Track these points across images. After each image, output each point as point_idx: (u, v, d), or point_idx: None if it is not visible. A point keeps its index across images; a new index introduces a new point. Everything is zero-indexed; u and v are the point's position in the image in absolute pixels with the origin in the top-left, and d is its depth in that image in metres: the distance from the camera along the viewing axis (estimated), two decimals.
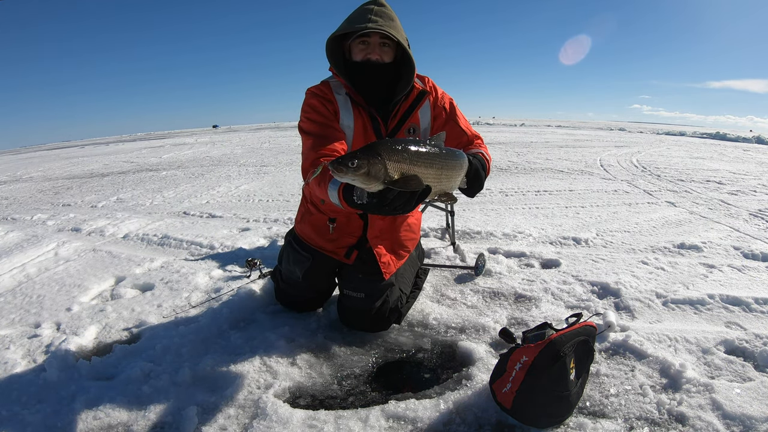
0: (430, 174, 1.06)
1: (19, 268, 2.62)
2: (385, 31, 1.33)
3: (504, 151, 8.09)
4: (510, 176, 5.28)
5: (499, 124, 22.40)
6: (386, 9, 1.38)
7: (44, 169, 9.76)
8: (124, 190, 5.59)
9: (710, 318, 1.72)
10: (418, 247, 2.09)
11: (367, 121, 1.50)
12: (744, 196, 3.96)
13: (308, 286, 1.75)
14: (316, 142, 1.40)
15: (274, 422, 1.20)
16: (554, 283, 2.03)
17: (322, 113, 1.47)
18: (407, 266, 1.82)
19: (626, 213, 3.36)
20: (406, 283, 1.77)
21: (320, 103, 1.48)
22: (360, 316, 1.63)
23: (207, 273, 2.32)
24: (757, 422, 1.14)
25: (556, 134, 13.78)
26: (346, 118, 1.48)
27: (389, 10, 1.38)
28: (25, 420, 1.26)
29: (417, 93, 1.52)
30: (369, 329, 1.66)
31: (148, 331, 1.72)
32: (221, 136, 21.45)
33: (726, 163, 6.57)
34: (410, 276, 1.83)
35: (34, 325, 1.87)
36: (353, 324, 1.68)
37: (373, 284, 1.60)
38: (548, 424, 1.17)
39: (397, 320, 1.67)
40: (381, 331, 1.66)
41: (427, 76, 1.60)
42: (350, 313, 1.66)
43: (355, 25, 1.35)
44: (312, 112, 1.48)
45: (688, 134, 15.82)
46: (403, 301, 1.70)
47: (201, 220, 3.69)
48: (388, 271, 1.62)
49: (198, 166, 7.98)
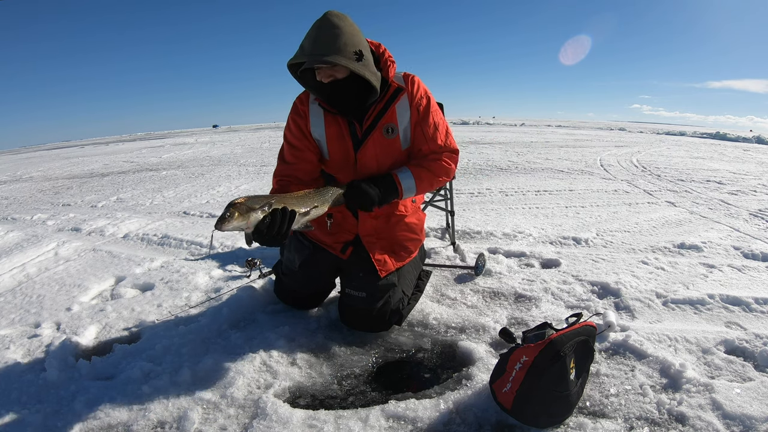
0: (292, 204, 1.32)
1: (19, 267, 2.62)
2: (318, 66, 1.33)
3: (504, 151, 8.09)
4: (510, 176, 5.28)
5: (499, 124, 22.39)
6: (327, 29, 1.33)
7: (44, 169, 9.76)
8: (124, 190, 5.59)
9: (710, 318, 1.72)
10: (421, 250, 2.09)
11: (343, 125, 1.54)
12: (744, 196, 3.96)
13: (305, 280, 1.74)
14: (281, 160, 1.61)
15: (274, 422, 1.20)
16: (554, 283, 2.03)
17: (294, 133, 1.58)
18: (410, 268, 1.82)
19: (626, 213, 3.36)
20: (408, 285, 1.76)
21: (293, 122, 1.59)
22: (360, 315, 1.63)
23: (207, 273, 2.32)
24: (757, 422, 1.14)
25: (556, 134, 13.78)
26: (317, 129, 1.55)
27: (332, 27, 1.33)
28: (25, 420, 1.26)
29: (393, 91, 1.52)
30: (369, 329, 1.66)
31: (148, 331, 1.72)
32: (221, 135, 21.46)
33: (726, 163, 6.57)
34: (412, 278, 1.83)
35: (34, 325, 1.87)
36: (353, 323, 1.68)
37: (374, 284, 1.60)
38: (548, 424, 1.17)
39: (397, 322, 1.66)
40: (381, 331, 1.66)
41: (415, 76, 1.57)
42: (351, 312, 1.66)
43: (298, 59, 1.36)
44: (287, 129, 1.61)
45: (688, 134, 15.83)
46: (405, 303, 1.70)
47: (201, 219, 3.69)
48: (384, 268, 1.61)
49: (198, 165, 7.98)
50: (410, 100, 1.52)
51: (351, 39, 1.34)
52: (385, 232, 1.68)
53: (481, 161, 6.67)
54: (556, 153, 7.75)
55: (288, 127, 1.61)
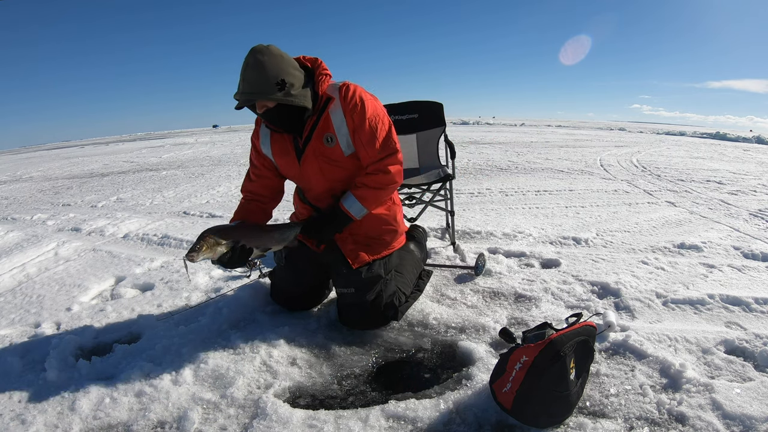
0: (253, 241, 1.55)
1: (19, 267, 2.62)
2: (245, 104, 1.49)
3: (504, 151, 8.09)
4: (510, 176, 5.28)
5: (499, 124, 22.38)
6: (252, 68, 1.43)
7: (44, 169, 9.76)
8: (124, 190, 5.59)
9: (710, 318, 1.72)
10: (422, 249, 2.09)
11: (288, 140, 1.66)
12: (744, 196, 3.96)
13: (292, 274, 1.79)
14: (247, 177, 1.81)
15: (274, 422, 1.20)
16: (554, 283, 2.03)
17: (252, 153, 1.79)
18: (407, 266, 1.83)
19: (626, 213, 3.36)
20: (406, 282, 1.78)
21: (251, 143, 1.79)
22: (354, 311, 1.66)
23: (207, 273, 2.32)
24: (757, 422, 1.14)
25: (556, 134, 13.78)
26: (265, 147, 1.71)
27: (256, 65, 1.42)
28: (25, 420, 1.26)
29: (324, 102, 1.58)
30: (366, 325, 1.67)
31: (148, 331, 1.73)
32: (221, 135, 21.45)
33: (726, 163, 6.57)
34: (411, 276, 1.84)
35: (34, 325, 1.87)
36: (350, 322, 1.69)
37: (358, 277, 1.63)
38: (548, 424, 1.17)
39: (394, 316, 1.67)
40: (378, 327, 1.67)
41: (350, 84, 1.61)
42: (345, 310, 1.68)
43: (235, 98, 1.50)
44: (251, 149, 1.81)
45: (688, 134, 15.82)
46: (402, 299, 1.71)
47: (201, 219, 3.70)
48: (357, 261, 1.65)
49: (198, 165, 7.98)
50: (344, 108, 1.57)
51: (273, 72, 1.43)
52: (355, 228, 1.71)
53: (481, 161, 6.68)
54: (556, 153, 7.75)
55: (251, 148, 1.80)
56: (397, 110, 2.76)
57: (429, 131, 2.78)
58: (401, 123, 2.75)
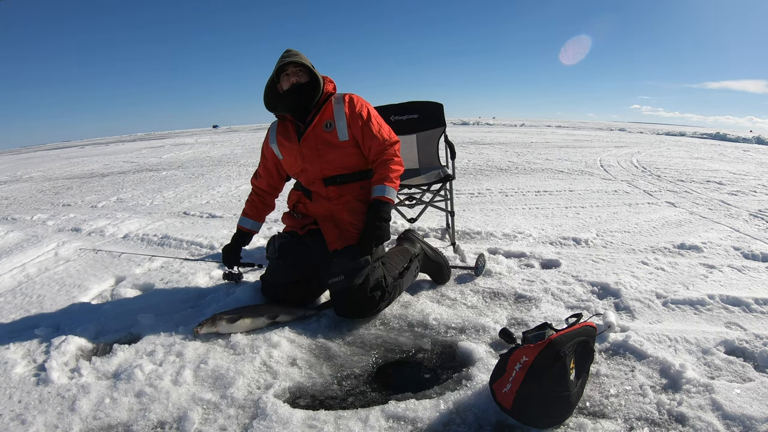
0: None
1: (19, 268, 2.62)
2: (294, 60, 1.84)
3: (504, 152, 8.10)
4: (510, 176, 5.28)
5: (499, 124, 22.39)
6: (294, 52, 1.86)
7: (44, 169, 9.77)
8: (124, 190, 5.59)
9: (710, 318, 1.72)
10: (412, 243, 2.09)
11: (291, 129, 1.95)
12: (744, 197, 3.96)
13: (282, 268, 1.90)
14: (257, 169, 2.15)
15: (274, 422, 1.20)
16: (554, 284, 2.03)
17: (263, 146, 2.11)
18: (393, 255, 1.94)
19: (626, 213, 3.37)
20: (392, 267, 1.86)
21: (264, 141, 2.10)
22: (344, 297, 1.72)
23: (207, 273, 2.32)
24: (757, 422, 1.14)
25: (556, 134, 13.78)
26: (272, 141, 2.02)
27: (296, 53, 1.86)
28: (25, 420, 1.26)
29: (326, 96, 1.92)
30: (358, 311, 1.73)
31: (148, 331, 1.72)
32: (221, 136, 21.46)
33: (726, 163, 6.57)
34: (398, 263, 1.91)
35: (34, 325, 1.87)
36: (342, 309, 1.74)
37: (347, 264, 1.73)
38: (548, 425, 1.17)
39: (381, 297, 1.74)
40: (370, 310, 1.72)
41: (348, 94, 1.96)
42: (337, 298, 1.75)
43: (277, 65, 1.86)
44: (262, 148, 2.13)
45: (688, 134, 15.82)
46: (389, 281, 1.79)
47: (201, 220, 3.70)
48: (333, 241, 1.84)
49: (198, 166, 7.98)
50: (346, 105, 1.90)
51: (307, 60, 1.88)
52: (333, 214, 1.91)
53: (481, 161, 6.68)
54: (556, 153, 7.76)
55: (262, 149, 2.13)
56: (397, 110, 2.76)
57: (429, 131, 2.78)
58: (401, 123, 2.75)
